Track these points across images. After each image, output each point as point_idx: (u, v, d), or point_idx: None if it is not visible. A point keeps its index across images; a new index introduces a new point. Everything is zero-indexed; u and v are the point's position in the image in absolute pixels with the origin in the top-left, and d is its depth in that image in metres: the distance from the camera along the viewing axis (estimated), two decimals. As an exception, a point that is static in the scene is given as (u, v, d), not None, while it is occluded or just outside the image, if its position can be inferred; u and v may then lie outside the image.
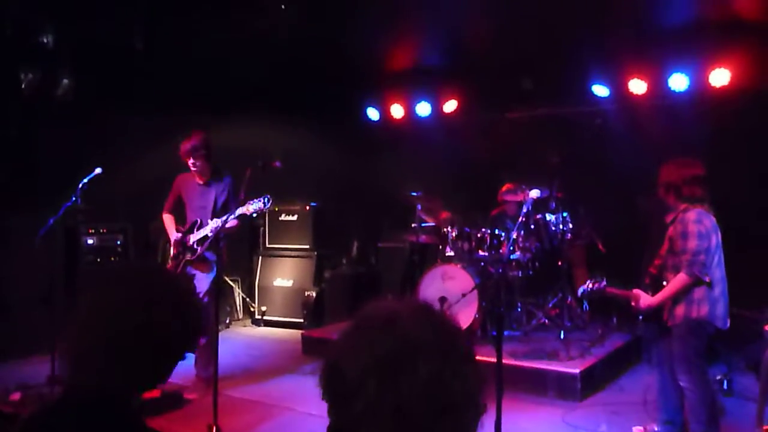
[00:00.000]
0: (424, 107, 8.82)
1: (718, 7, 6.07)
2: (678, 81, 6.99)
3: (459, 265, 6.48)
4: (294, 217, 8.52)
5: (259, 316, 8.45)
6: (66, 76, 6.89)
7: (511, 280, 6.70)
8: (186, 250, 5.59)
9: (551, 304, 6.79)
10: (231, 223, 5.33)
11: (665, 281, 4.09)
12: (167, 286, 1.65)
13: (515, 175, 7.06)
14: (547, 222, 6.67)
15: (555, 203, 6.72)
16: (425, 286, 6.56)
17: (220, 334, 6.97)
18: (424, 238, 7.22)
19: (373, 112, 9.23)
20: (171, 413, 4.98)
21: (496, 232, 6.69)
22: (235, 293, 8.72)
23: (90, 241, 7.23)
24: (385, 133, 9.22)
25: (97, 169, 5.51)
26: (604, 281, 4.31)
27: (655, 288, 4.16)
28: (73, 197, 5.44)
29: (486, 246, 6.65)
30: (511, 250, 6.44)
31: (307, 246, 8.41)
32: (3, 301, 6.52)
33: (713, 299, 3.97)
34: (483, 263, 6.68)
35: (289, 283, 8.43)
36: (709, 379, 4.08)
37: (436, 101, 8.72)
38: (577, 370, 5.36)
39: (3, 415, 4.06)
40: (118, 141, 7.38)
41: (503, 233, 6.70)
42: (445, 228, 6.89)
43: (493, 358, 3.64)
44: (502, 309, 6.17)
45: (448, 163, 8.43)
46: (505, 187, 6.98)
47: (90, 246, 7.22)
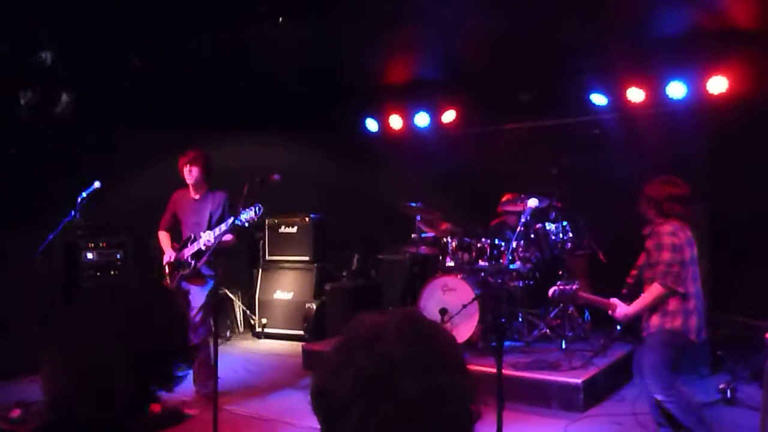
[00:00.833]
0: (422, 118, 8.84)
1: (714, 16, 6.09)
2: (676, 89, 7.00)
3: (459, 276, 6.46)
4: (294, 229, 8.51)
5: (260, 329, 8.42)
6: (64, 93, 6.91)
7: (511, 291, 6.68)
8: (180, 265, 5.60)
9: (552, 315, 6.76)
10: (226, 237, 5.35)
11: (642, 292, 4.15)
12: (146, 303, 1.57)
13: (514, 185, 7.05)
14: (547, 232, 6.65)
15: (555, 213, 6.72)
16: (425, 298, 6.54)
17: (221, 348, 6.96)
18: (424, 250, 7.20)
19: (371, 123, 9.25)
20: (171, 429, 4.95)
21: (496, 242, 6.67)
22: (236, 306, 8.70)
23: (90, 255, 7.21)
24: (384, 145, 9.23)
25: (96, 183, 5.52)
26: (575, 284, 4.34)
27: (632, 298, 4.21)
28: (72, 212, 5.44)
29: (486, 256, 6.63)
30: (511, 260, 6.42)
31: (308, 258, 8.39)
32: (2, 319, 6.49)
33: (687, 311, 4.04)
34: (483, 274, 6.66)
35: (289, 295, 8.41)
36: (679, 386, 4.12)
37: (435, 113, 8.73)
38: (580, 381, 5.32)
39: (2, 432, 4.04)
40: (118, 157, 7.40)
41: (503, 243, 6.68)
42: (445, 239, 6.88)
43: (495, 369, 3.62)
44: (503, 320, 6.17)
45: (447, 174, 8.44)
46: (504, 197, 6.98)
47: (89, 261, 7.21)
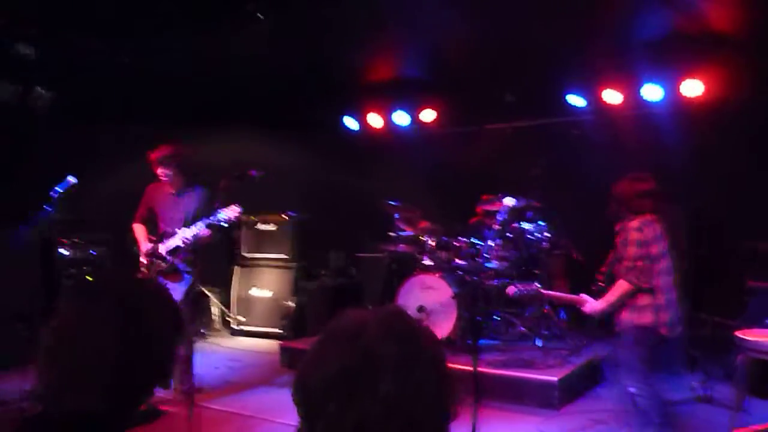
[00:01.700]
0: (403, 117, 8.85)
1: (691, 20, 6.16)
2: (653, 92, 7.09)
3: (437, 275, 6.49)
4: (273, 226, 8.48)
5: (238, 327, 8.38)
6: (46, 88, 6.84)
7: (489, 290, 6.72)
8: (157, 260, 5.54)
9: (529, 314, 6.81)
10: (202, 234, 5.33)
11: (607, 286, 4.23)
12: (143, 299, 1.59)
13: (494, 185, 7.10)
14: (525, 231, 6.70)
15: (532, 213, 6.77)
16: (404, 296, 6.56)
17: (198, 345, 6.94)
18: (403, 248, 7.22)
19: (352, 122, 9.25)
20: (148, 426, 4.92)
21: (475, 241, 6.72)
22: (213, 304, 8.65)
23: (67, 252, 7.14)
24: (364, 143, 9.24)
25: (71, 178, 5.42)
26: (535, 284, 4.39)
27: (602, 294, 4.27)
28: (47, 208, 5.36)
29: (465, 255, 6.67)
30: (488, 259, 6.46)
31: (287, 256, 8.37)
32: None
33: (657, 307, 4.07)
34: (461, 272, 6.70)
35: (268, 293, 8.39)
36: (653, 383, 4.16)
37: (416, 112, 8.75)
38: (555, 379, 5.37)
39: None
40: (98, 152, 7.34)
41: (482, 242, 6.72)
42: (423, 237, 6.91)
43: (471, 367, 3.65)
44: (480, 318, 6.21)
45: (427, 173, 8.47)
46: (483, 197, 7.03)
47: (67, 257, 7.14)
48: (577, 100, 7.63)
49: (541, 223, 6.70)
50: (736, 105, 6.62)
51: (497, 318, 6.79)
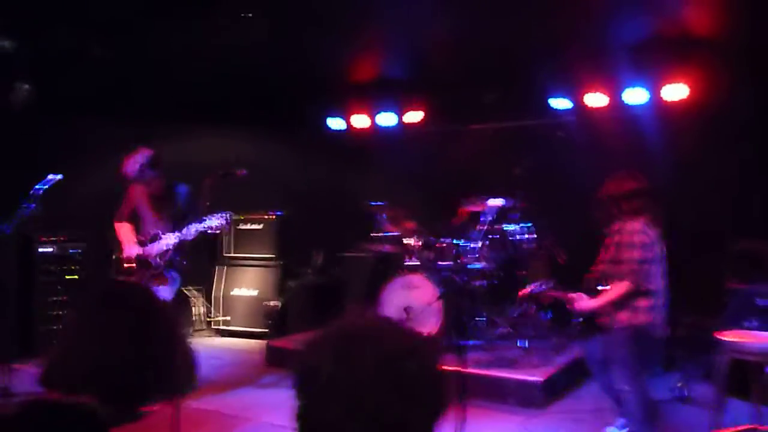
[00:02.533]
0: (388, 118, 8.85)
1: (674, 24, 6.23)
2: (636, 95, 7.15)
3: (423, 275, 6.50)
4: (258, 226, 8.46)
5: (222, 327, 8.35)
6: (24, 82, 6.75)
7: (474, 290, 6.74)
8: (146, 265, 5.49)
9: (514, 314, 6.85)
10: (189, 236, 5.33)
11: (601, 286, 4.22)
12: (152, 311, 1.64)
13: (479, 185, 7.13)
14: (510, 232, 6.74)
15: (518, 214, 6.81)
16: (389, 296, 6.58)
17: (181, 344, 6.87)
18: (388, 248, 7.24)
19: (337, 121, 9.23)
20: (129, 425, 4.87)
21: (460, 241, 6.74)
22: (197, 303, 8.60)
23: (48, 249, 7.07)
24: (349, 143, 9.23)
25: (53, 175, 5.38)
26: (552, 283, 4.41)
27: (589, 293, 4.28)
28: (26, 204, 5.30)
29: (449, 255, 6.69)
30: (473, 259, 6.49)
31: (271, 255, 8.35)
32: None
33: (653, 308, 4.14)
34: (446, 272, 6.72)
35: (252, 292, 8.36)
36: (645, 381, 4.22)
37: (400, 112, 8.75)
38: (539, 379, 5.42)
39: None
40: (78, 149, 7.26)
41: (467, 243, 6.75)
42: (408, 237, 6.92)
43: (457, 367, 3.66)
44: (465, 318, 6.23)
45: (412, 174, 8.49)
46: (468, 198, 7.06)
47: (46, 255, 7.06)
48: (560, 103, 7.68)
49: (527, 224, 6.74)
50: (718, 108, 6.70)
51: (482, 318, 6.81)
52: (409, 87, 8.29)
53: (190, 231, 5.26)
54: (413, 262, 6.80)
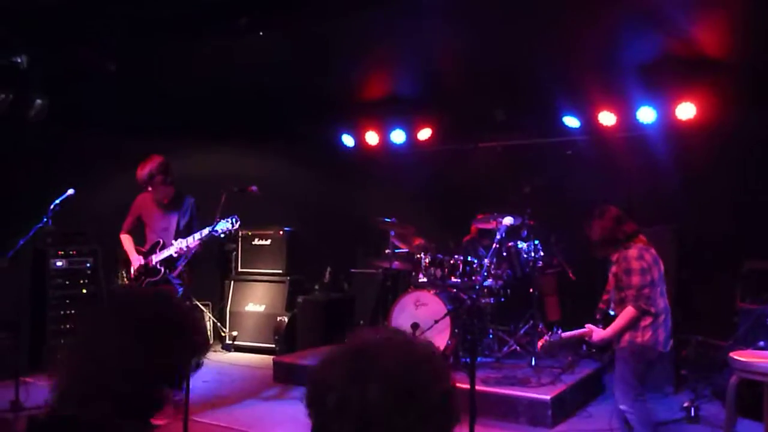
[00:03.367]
0: (398, 135, 8.91)
1: (684, 44, 6.27)
2: (646, 114, 7.17)
3: (431, 292, 6.50)
4: (267, 241, 8.50)
5: (230, 341, 8.36)
6: (39, 97, 6.84)
7: (483, 307, 6.74)
8: (148, 272, 5.53)
9: (522, 332, 6.85)
10: (194, 244, 5.35)
11: (612, 312, 4.31)
12: (165, 315, 1.62)
13: (488, 203, 7.16)
14: (519, 250, 6.75)
15: (527, 231, 6.82)
16: (398, 313, 6.58)
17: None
18: (397, 265, 7.25)
19: (347, 139, 9.30)
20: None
21: (469, 259, 6.75)
22: (206, 318, 8.63)
23: (59, 263, 7.12)
24: (359, 160, 9.29)
25: (70, 191, 5.46)
26: (560, 330, 4.43)
27: (605, 322, 4.35)
28: (44, 218, 5.37)
29: (458, 273, 6.70)
30: (483, 277, 6.50)
31: (280, 271, 8.38)
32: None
33: (657, 326, 4.18)
34: (455, 290, 6.72)
35: (261, 308, 8.38)
36: (646, 401, 4.23)
37: (411, 129, 8.80)
38: (548, 397, 5.39)
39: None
40: (89, 163, 7.34)
41: (476, 260, 6.76)
42: (418, 254, 6.93)
43: (466, 385, 3.67)
44: (470, 336, 6.23)
45: (421, 191, 8.53)
46: (479, 216, 7.09)
47: (59, 268, 7.12)
48: (571, 121, 7.71)
49: (536, 242, 6.74)
50: (727, 127, 6.72)
51: (490, 335, 6.81)
52: (419, 105, 8.34)
53: (195, 238, 5.29)
54: (422, 279, 6.81)
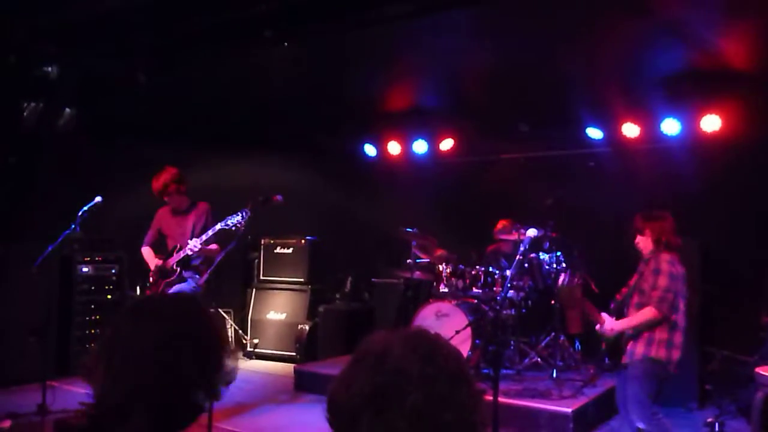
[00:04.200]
0: (420, 145, 8.94)
1: (709, 56, 6.24)
2: (670, 126, 7.13)
3: (453, 303, 6.51)
4: (289, 250, 8.56)
5: (251, 349, 8.42)
6: (68, 106, 6.97)
7: (504, 319, 6.73)
8: (166, 273, 5.72)
9: (544, 344, 6.82)
10: (211, 246, 5.53)
11: (627, 307, 4.29)
12: (198, 325, 1.63)
13: (510, 214, 7.16)
14: (541, 261, 6.74)
15: (549, 243, 6.80)
16: (418, 323, 6.57)
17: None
18: (418, 275, 7.27)
19: (370, 149, 9.34)
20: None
21: (491, 269, 6.75)
22: (228, 325, 8.69)
23: (85, 269, 7.23)
24: (381, 171, 9.33)
25: (97, 198, 5.58)
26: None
27: (618, 315, 4.30)
28: (73, 225, 5.48)
29: (480, 284, 6.70)
30: (505, 288, 6.48)
31: (302, 279, 8.44)
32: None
33: (672, 344, 4.14)
34: (476, 301, 6.72)
35: (282, 316, 8.43)
36: (662, 418, 4.18)
37: (433, 140, 8.83)
38: (570, 410, 5.37)
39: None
40: (117, 171, 7.45)
41: (497, 271, 6.76)
42: (439, 265, 6.94)
43: (488, 397, 3.67)
44: (492, 347, 6.22)
45: (443, 201, 8.54)
46: (500, 224, 7.07)
47: (85, 275, 7.23)
48: (594, 133, 7.69)
49: (558, 253, 6.73)
50: (753, 140, 6.67)
51: (512, 347, 6.79)
52: (442, 115, 8.36)
53: (207, 234, 5.46)
54: (443, 290, 6.82)
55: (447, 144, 8.72)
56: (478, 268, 6.78)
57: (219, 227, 5.30)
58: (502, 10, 5.57)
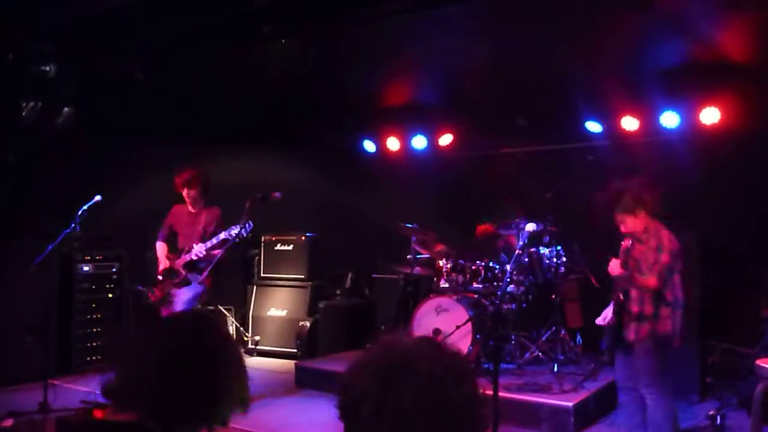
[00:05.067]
0: (419, 141, 8.93)
1: (708, 49, 6.23)
2: (669, 119, 7.12)
3: (453, 298, 6.51)
4: (289, 247, 8.57)
5: (252, 346, 8.43)
6: (67, 105, 6.96)
7: (504, 313, 6.74)
8: (173, 274, 5.86)
9: (544, 338, 6.82)
10: (215, 252, 5.69)
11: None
12: (217, 338, 1.68)
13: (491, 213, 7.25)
14: (541, 256, 6.74)
15: (549, 237, 6.80)
16: (419, 318, 6.59)
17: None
18: (418, 270, 7.27)
19: (369, 145, 9.34)
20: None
21: (491, 264, 6.75)
22: (229, 322, 8.70)
23: (85, 268, 7.24)
24: (381, 166, 9.32)
25: (97, 197, 5.61)
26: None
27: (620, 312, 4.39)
28: (72, 224, 5.49)
29: (480, 279, 6.70)
30: (505, 283, 6.49)
31: (302, 276, 8.44)
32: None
33: (674, 318, 4.27)
34: (477, 296, 6.72)
35: (283, 313, 8.44)
36: (671, 391, 4.28)
37: (432, 135, 8.82)
38: (571, 404, 5.37)
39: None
40: (116, 169, 7.45)
41: (497, 266, 6.76)
42: (439, 260, 6.94)
43: (489, 391, 3.68)
44: (492, 342, 6.23)
45: (442, 196, 8.53)
46: (480, 230, 7.16)
47: (85, 273, 7.23)
48: (593, 126, 7.68)
49: (558, 247, 6.73)
50: (753, 133, 6.66)
51: (512, 342, 6.79)
52: (440, 111, 8.35)
53: (213, 242, 5.65)
54: (443, 285, 6.82)
55: (446, 139, 8.72)
56: (478, 263, 6.78)
57: (223, 237, 5.49)
58: (500, 4, 5.56)
